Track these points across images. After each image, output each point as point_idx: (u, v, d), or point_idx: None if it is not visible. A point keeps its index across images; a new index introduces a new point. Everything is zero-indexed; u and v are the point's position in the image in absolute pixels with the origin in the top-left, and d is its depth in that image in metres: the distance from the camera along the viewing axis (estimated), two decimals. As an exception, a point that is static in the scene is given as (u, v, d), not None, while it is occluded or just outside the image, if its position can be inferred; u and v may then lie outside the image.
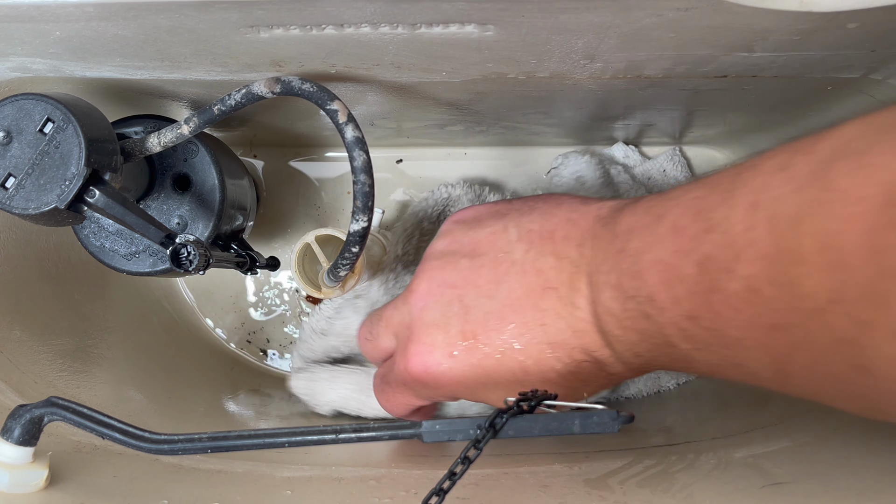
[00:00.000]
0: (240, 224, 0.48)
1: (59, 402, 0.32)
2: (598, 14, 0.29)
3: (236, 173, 0.47)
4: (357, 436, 0.31)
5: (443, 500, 0.29)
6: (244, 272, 0.47)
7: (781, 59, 0.34)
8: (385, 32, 0.31)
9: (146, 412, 0.48)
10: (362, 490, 0.37)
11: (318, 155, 0.60)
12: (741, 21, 0.29)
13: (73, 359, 0.46)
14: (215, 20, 0.29)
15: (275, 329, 0.61)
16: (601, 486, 0.37)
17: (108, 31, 0.31)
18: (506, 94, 0.42)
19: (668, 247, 0.27)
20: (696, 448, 0.43)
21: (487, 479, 0.38)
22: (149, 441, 0.32)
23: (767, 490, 0.34)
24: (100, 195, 0.33)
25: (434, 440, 0.30)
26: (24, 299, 0.44)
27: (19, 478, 0.31)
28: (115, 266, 0.42)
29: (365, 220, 0.35)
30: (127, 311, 0.55)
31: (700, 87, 0.40)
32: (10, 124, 0.32)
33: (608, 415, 0.29)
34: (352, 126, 0.34)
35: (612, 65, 0.35)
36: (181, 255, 0.34)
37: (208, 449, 0.31)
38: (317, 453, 0.42)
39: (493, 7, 0.28)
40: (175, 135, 0.36)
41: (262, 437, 0.31)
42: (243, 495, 0.36)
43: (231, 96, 0.35)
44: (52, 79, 0.37)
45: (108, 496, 0.34)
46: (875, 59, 0.34)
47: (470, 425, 0.30)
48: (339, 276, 0.40)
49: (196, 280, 0.61)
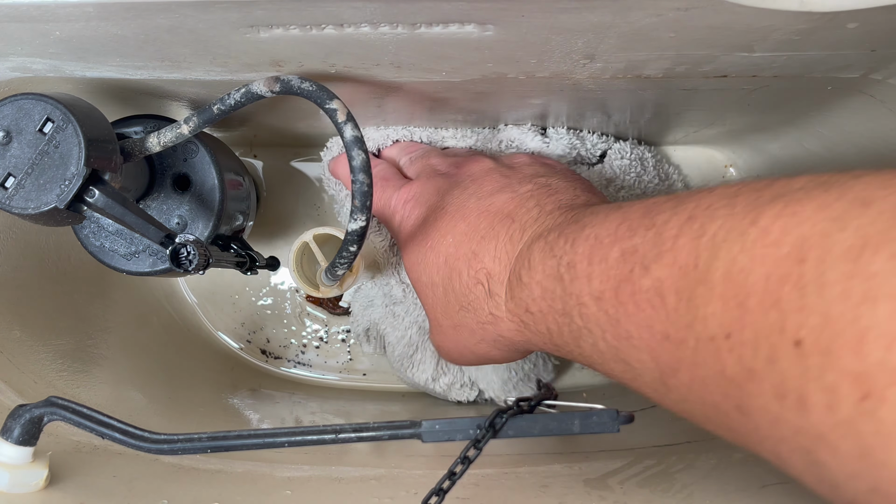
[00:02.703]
0: (240, 224, 0.48)
1: (58, 402, 0.32)
2: (598, 14, 0.29)
3: (236, 172, 0.47)
4: (357, 435, 0.31)
5: (443, 500, 0.29)
6: (244, 272, 0.47)
7: (781, 59, 0.34)
8: (385, 32, 0.31)
9: (146, 412, 0.48)
10: (362, 490, 0.37)
11: (318, 155, 0.60)
12: (741, 21, 0.29)
13: (73, 359, 0.46)
14: (215, 20, 0.29)
15: (275, 329, 0.61)
16: (601, 486, 0.37)
17: (107, 30, 0.31)
18: (506, 94, 0.42)
19: (609, 229, 0.28)
20: (696, 448, 0.42)
21: (487, 479, 0.38)
22: (149, 441, 0.32)
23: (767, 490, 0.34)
24: (99, 195, 0.33)
25: (434, 440, 0.30)
26: (23, 299, 0.44)
27: (19, 478, 0.31)
28: (115, 266, 0.42)
29: (363, 220, 0.35)
30: (127, 311, 0.55)
31: (700, 87, 0.40)
32: (10, 124, 0.32)
33: (608, 415, 0.29)
34: (351, 125, 0.34)
35: (612, 65, 0.35)
36: (181, 254, 0.34)
37: (208, 449, 0.31)
38: (316, 453, 0.42)
39: (493, 7, 0.28)
40: (175, 134, 0.36)
41: (261, 437, 0.31)
42: (243, 495, 0.36)
43: (230, 96, 0.35)
44: (51, 79, 0.37)
45: (108, 496, 0.34)
46: (875, 59, 0.34)
47: (470, 425, 0.30)
48: (336, 275, 0.40)
49: (196, 280, 0.61)
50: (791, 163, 0.52)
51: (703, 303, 0.21)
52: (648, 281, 0.24)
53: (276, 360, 0.61)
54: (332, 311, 0.60)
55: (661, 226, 0.25)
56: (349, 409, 0.56)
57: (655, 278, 0.24)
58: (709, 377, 0.21)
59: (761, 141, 0.54)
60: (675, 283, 0.23)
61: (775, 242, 0.19)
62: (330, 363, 0.60)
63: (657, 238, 0.24)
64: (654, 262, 0.24)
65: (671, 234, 0.24)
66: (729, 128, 0.53)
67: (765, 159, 0.56)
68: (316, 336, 0.61)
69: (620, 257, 0.26)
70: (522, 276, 0.33)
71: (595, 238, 0.28)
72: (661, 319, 0.23)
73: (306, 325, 0.60)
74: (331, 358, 0.60)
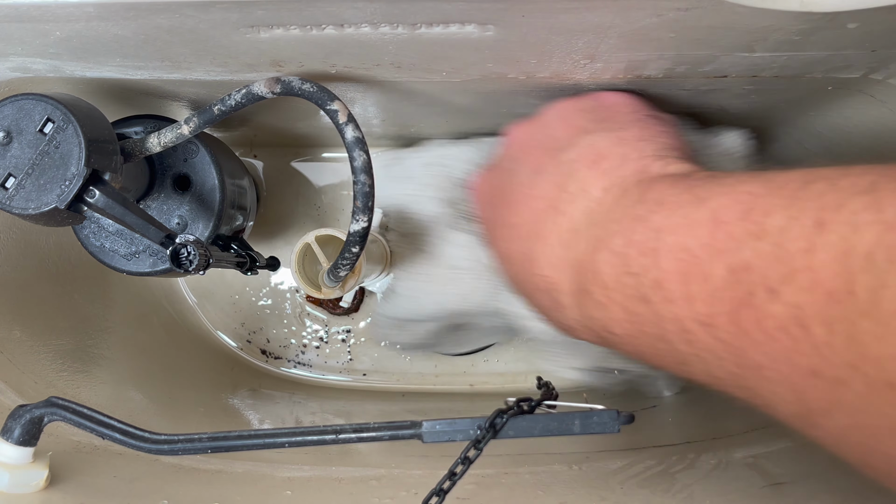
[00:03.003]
0: (240, 224, 0.48)
1: (59, 403, 0.32)
2: (599, 14, 0.29)
3: (236, 173, 0.47)
4: (357, 436, 0.31)
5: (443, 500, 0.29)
6: (244, 272, 0.47)
7: (781, 59, 0.34)
8: (385, 32, 0.31)
9: (146, 412, 0.48)
10: (362, 490, 0.37)
11: (318, 155, 0.60)
12: (741, 21, 0.29)
13: (73, 359, 0.46)
14: (215, 20, 0.29)
15: (275, 329, 0.61)
16: (601, 486, 0.37)
17: (108, 31, 0.31)
18: (506, 94, 0.42)
19: (700, 236, 0.23)
20: (696, 448, 0.43)
21: (487, 479, 0.38)
22: (149, 441, 0.32)
23: (767, 490, 0.35)
24: (100, 195, 0.33)
25: (434, 440, 0.30)
26: (24, 299, 0.44)
27: (19, 478, 0.31)
28: (115, 266, 0.42)
29: (365, 221, 0.35)
30: (127, 311, 0.55)
31: (700, 87, 0.40)
32: (11, 124, 0.32)
33: (608, 415, 0.29)
34: (352, 126, 0.34)
35: (613, 65, 0.35)
36: (181, 255, 0.34)
37: (208, 449, 0.31)
38: (316, 453, 0.42)
39: (493, 7, 0.28)
40: (175, 135, 0.36)
41: (262, 437, 0.31)
42: (243, 496, 0.36)
43: (231, 96, 0.35)
44: (52, 79, 0.37)
45: (108, 496, 0.34)
46: (875, 59, 0.34)
47: (470, 425, 0.30)
48: (339, 277, 0.40)
49: (196, 280, 0.61)
50: (791, 164, 0.52)
51: (874, 341, 0.17)
52: (780, 308, 0.20)
53: (276, 360, 0.61)
54: (332, 312, 0.60)
55: (779, 235, 0.20)
56: (349, 410, 0.56)
57: (790, 304, 0.19)
58: (884, 428, 0.18)
59: (761, 141, 0.54)
60: (820, 311, 0.19)
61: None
62: (330, 363, 0.60)
63: (778, 251, 0.20)
64: (782, 285, 0.20)
65: (798, 248, 0.19)
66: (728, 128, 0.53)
67: (765, 160, 0.56)
68: (316, 336, 0.61)
69: (729, 276, 0.21)
70: (593, 292, 0.28)
71: (683, 250, 0.23)
72: (806, 353, 0.19)
73: (306, 325, 0.60)
74: (331, 358, 0.60)
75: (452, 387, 0.60)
